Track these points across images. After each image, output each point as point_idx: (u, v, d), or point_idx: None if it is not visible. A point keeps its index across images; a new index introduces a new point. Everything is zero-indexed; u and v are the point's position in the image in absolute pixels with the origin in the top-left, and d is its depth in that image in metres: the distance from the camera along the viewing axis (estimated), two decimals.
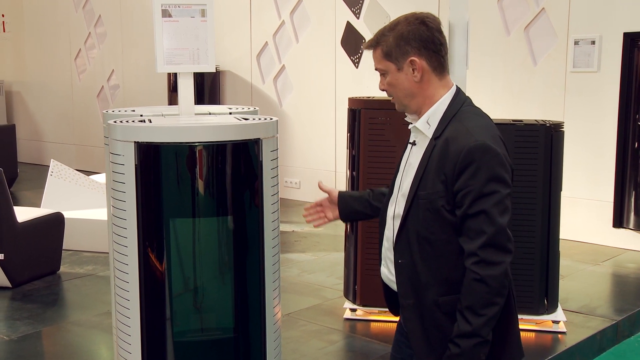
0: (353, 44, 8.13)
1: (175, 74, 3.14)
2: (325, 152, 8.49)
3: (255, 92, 9.11)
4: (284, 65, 8.82)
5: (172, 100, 9.07)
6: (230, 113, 3.26)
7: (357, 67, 8.16)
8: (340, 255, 5.34)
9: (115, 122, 2.71)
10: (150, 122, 2.76)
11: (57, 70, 11.51)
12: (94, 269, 5.90)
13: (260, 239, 2.74)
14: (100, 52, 10.89)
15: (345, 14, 8.20)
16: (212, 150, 2.62)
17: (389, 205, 2.38)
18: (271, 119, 2.85)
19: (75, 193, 6.66)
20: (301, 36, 8.64)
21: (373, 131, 4.57)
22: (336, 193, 2.65)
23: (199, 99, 8.77)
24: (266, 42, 8.92)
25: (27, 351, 4.32)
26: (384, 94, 2.38)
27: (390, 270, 2.34)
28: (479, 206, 2.10)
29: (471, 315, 2.11)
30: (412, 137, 2.34)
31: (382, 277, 2.42)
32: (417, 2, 6.85)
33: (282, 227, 6.28)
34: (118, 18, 10.52)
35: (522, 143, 4.32)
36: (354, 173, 4.67)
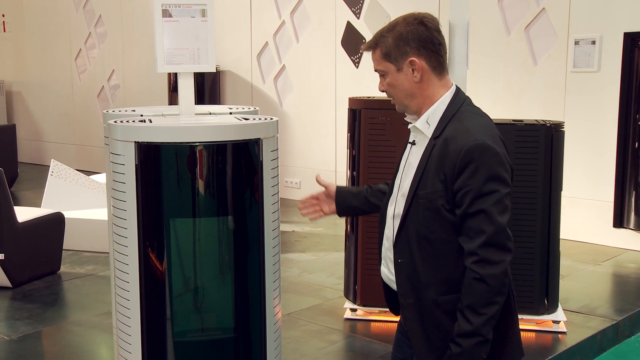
0: (353, 44, 8.12)
1: (176, 73, 3.14)
2: (326, 152, 8.48)
3: (256, 92, 9.11)
4: (284, 65, 8.82)
5: (173, 100, 9.07)
6: (230, 113, 3.26)
7: (357, 67, 8.16)
8: (341, 255, 5.34)
9: (115, 122, 2.71)
10: (151, 122, 2.76)
11: (57, 70, 11.51)
12: (94, 269, 5.90)
13: (261, 238, 2.74)
14: (100, 52, 10.89)
15: (345, 14, 8.20)
16: (212, 150, 2.62)
17: (388, 205, 2.38)
18: (271, 119, 2.85)
19: (75, 193, 6.66)
20: (301, 36, 8.64)
21: (373, 131, 4.57)
22: (334, 188, 2.65)
23: (200, 99, 8.77)
24: (266, 42, 8.92)
25: (28, 351, 4.32)
26: (384, 94, 2.37)
27: (390, 269, 2.34)
28: (479, 205, 2.10)
29: (472, 315, 2.11)
30: (411, 136, 2.34)
31: (382, 277, 2.42)
32: (417, 2, 6.84)
33: (283, 227, 6.26)
34: (118, 18, 10.52)
35: (523, 143, 4.32)
36: (354, 173, 4.67)
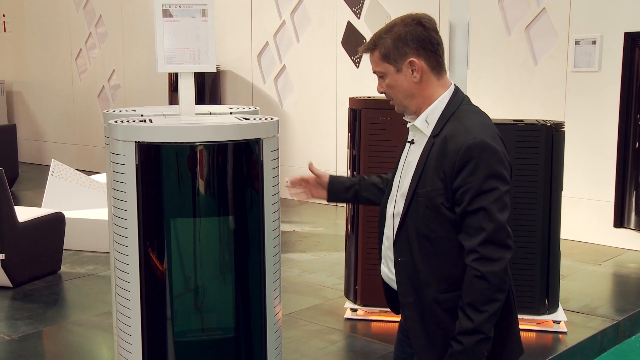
0: (354, 44, 8.12)
1: (176, 73, 3.14)
2: (326, 152, 8.48)
3: (256, 92, 9.11)
4: (284, 65, 8.82)
5: (173, 100, 9.07)
6: (231, 113, 3.26)
7: (357, 67, 8.16)
8: (341, 255, 5.34)
9: (116, 122, 2.71)
10: (151, 122, 2.76)
11: (57, 70, 11.51)
12: (94, 269, 5.90)
13: (261, 238, 2.74)
14: (101, 52, 10.89)
15: (346, 14, 8.20)
16: (212, 150, 2.62)
17: (388, 204, 2.39)
18: (272, 118, 2.85)
19: (76, 193, 6.66)
20: (302, 36, 8.64)
21: (374, 131, 4.57)
22: (327, 178, 2.63)
23: (200, 99, 8.77)
24: (267, 42, 8.92)
25: (28, 351, 4.32)
26: (384, 95, 2.38)
27: (391, 268, 2.34)
28: (478, 203, 2.10)
29: (472, 312, 2.11)
30: (410, 135, 2.35)
31: (382, 276, 2.42)
32: (417, 2, 6.85)
33: (283, 227, 6.27)
34: (119, 18, 10.53)
35: (523, 143, 4.32)
36: (355, 173, 4.67)
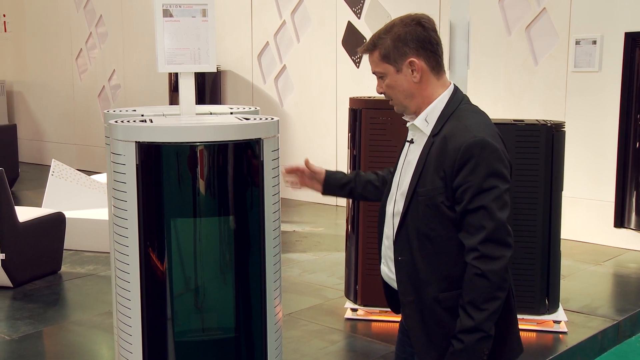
0: (354, 44, 8.12)
1: (176, 73, 3.14)
2: (326, 152, 8.48)
3: (256, 92, 9.11)
4: (285, 65, 8.82)
5: (173, 100, 9.07)
6: (231, 113, 3.26)
7: (358, 67, 8.16)
8: (341, 255, 5.34)
9: (116, 122, 2.71)
10: (152, 122, 2.76)
11: (58, 70, 11.51)
12: (95, 269, 5.90)
13: (261, 238, 2.74)
14: (101, 52, 10.90)
15: (346, 14, 8.20)
16: (213, 150, 2.62)
17: (387, 203, 2.39)
18: (272, 118, 2.85)
19: (76, 193, 6.67)
20: (302, 36, 8.64)
21: (374, 131, 4.57)
22: (322, 175, 2.64)
23: (200, 99, 8.77)
24: (267, 42, 8.92)
25: (28, 351, 4.32)
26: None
27: (390, 268, 2.34)
28: (479, 201, 2.11)
29: (473, 310, 2.12)
30: (409, 135, 2.36)
31: (382, 276, 2.43)
32: (417, 2, 6.85)
33: (283, 227, 6.27)
34: (119, 18, 10.53)
35: (523, 143, 4.32)
36: None
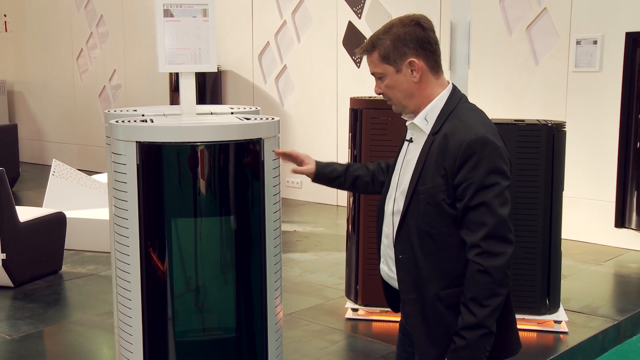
0: (355, 43, 8.12)
1: (177, 73, 3.14)
2: (327, 152, 8.48)
3: (257, 92, 9.11)
4: (285, 65, 8.82)
5: (174, 100, 9.07)
6: (232, 113, 3.26)
7: (358, 67, 8.16)
8: (342, 255, 5.34)
9: (117, 121, 2.71)
10: (152, 121, 2.77)
11: (58, 70, 11.51)
12: (95, 269, 5.90)
13: (262, 238, 2.74)
14: (102, 52, 10.90)
15: (347, 14, 8.20)
16: (213, 150, 2.62)
17: (386, 202, 2.39)
18: (273, 118, 2.85)
19: (77, 193, 6.67)
20: (303, 36, 8.64)
21: (375, 131, 4.57)
22: (313, 169, 2.62)
23: (201, 99, 8.78)
24: (268, 42, 8.91)
25: (29, 351, 4.32)
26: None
27: (390, 267, 2.35)
28: (480, 198, 2.12)
29: (475, 307, 2.12)
30: (408, 134, 2.37)
31: (382, 275, 2.43)
32: (418, 2, 6.85)
33: (284, 227, 6.27)
34: (120, 18, 10.53)
35: (524, 143, 4.32)
36: None
